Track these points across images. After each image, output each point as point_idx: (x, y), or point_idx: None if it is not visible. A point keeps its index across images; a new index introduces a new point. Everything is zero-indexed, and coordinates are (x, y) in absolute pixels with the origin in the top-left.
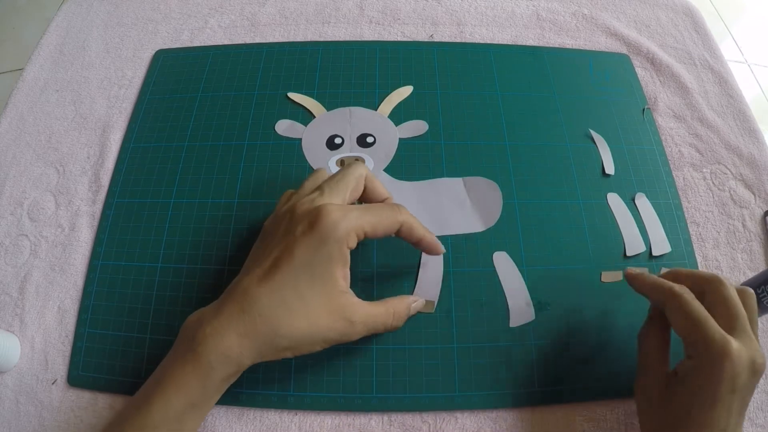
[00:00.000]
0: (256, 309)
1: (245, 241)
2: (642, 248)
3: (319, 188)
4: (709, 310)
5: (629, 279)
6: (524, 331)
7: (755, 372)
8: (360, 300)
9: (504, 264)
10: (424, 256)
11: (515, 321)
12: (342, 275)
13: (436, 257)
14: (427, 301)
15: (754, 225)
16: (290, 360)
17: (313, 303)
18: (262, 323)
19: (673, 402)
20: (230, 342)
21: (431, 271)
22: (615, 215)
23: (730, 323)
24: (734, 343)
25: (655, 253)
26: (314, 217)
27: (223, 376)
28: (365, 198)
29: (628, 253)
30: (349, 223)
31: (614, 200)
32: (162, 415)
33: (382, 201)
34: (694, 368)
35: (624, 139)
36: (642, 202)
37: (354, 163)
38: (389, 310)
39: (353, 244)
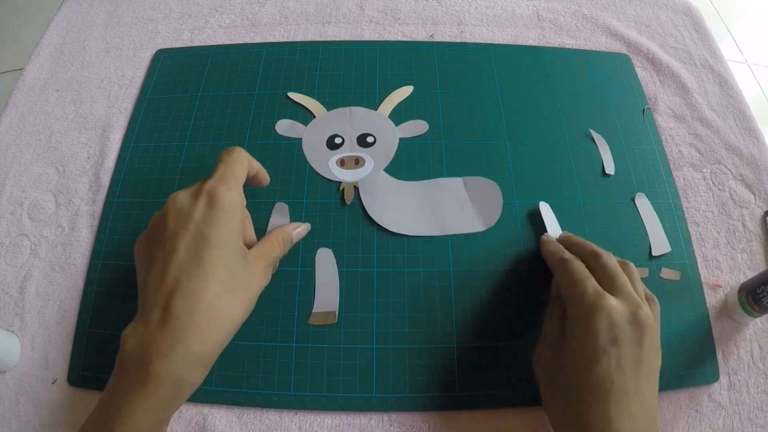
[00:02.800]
0: (203, 304)
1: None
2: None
3: (201, 180)
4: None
5: (540, 243)
6: (525, 331)
7: (638, 324)
8: (254, 249)
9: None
10: (317, 263)
11: None
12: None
13: (329, 265)
14: (327, 312)
15: (754, 225)
16: (290, 360)
17: (240, 273)
18: (208, 315)
19: (563, 364)
20: (177, 357)
21: (327, 283)
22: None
23: (609, 284)
24: (608, 297)
25: (654, 253)
26: (210, 195)
27: (179, 383)
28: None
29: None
30: (239, 188)
31: (642, 202)
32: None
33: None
34: (574, 324)
35: (624, 139)
36: (642, 201)
37: (232, 149)
38: (279, 240)
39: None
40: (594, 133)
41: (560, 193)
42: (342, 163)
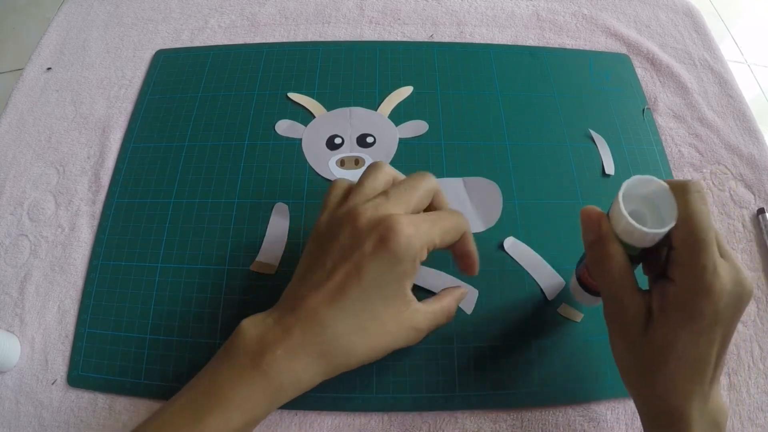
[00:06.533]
0: (330, 333)
1: (245, 241)
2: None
3: (384, 193)
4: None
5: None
6: (524, 331)
7: (740, 303)
8: (422, 304)
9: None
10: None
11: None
12: (410, 287)
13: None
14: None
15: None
16: None
17: (387, 321)
18: (337, 348)
19: (655, 334)
20: (304, 365)
21: (276, 230)
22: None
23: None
24: (723, 277)
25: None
26: (385, 232)
27: (292, 396)
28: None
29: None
30: (422, 238)
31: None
32: (217, 430)
33: None
34: (678, 295)
35: (624, 139)
36: (510, 244)
37: (425, 174)
38: (444, 310)
39: (425, 257)
40: (594, 133)
41: (560, 193)
42: (342, 163)
